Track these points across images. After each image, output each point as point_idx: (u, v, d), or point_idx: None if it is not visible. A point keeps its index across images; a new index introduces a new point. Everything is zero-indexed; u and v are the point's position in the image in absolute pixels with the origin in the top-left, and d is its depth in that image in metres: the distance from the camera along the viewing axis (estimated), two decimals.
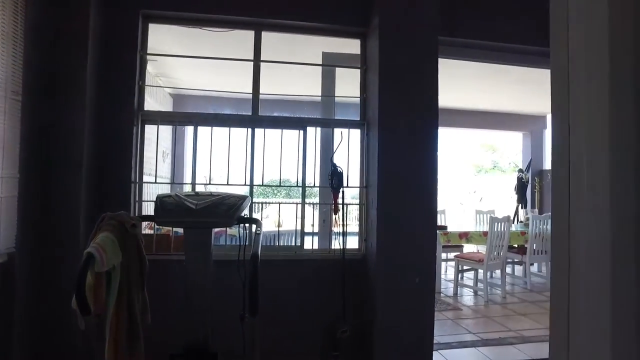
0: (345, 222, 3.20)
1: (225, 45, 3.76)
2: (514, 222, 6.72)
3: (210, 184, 4.27)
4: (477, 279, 5.49)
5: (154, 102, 5.47)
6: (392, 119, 3.15)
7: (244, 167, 3.33)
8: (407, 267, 3.09)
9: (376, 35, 3.22)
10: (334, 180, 3.14)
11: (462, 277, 6.08)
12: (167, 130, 3.60)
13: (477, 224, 6.85)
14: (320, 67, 3.89)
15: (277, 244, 4.23)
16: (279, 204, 3.68)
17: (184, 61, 5.30)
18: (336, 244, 3.24)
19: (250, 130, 3.36)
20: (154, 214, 2.33)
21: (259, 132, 3.36)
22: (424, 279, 3.06)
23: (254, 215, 4.66)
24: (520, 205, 7.53)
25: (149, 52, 3.27)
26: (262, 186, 3.48)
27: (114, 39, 3.03)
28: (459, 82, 6.08)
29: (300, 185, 3.39)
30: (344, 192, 3.20)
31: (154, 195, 2.59)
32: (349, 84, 3.60)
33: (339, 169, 3.17)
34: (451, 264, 6.73)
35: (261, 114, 3.38)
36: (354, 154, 3.43)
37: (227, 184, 3.28)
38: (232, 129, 3.37)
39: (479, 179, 14.52)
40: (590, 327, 0.70)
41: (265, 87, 3.48)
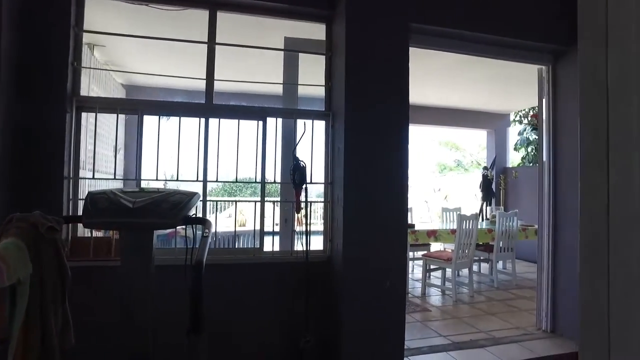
0: (308, 222, 2.93)
1: (178, 28, 3.39)
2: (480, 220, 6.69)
3: (170, 180, 3.90)
4: (445, 278, 5.37)
5: (103, 93, 5.00)
6: (359, 110, 2.91)
7: (196, 161, 3.00)
8: (376, 269, 2.86)
9: (343, 19, 2.97)
10: (296, 175, 2.87)
11: (430, 277, 5.96)
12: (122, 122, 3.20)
13: (444, 222, 6.78)
14: (282, 56, 3.60)
15: (235, 246, 3.91)
16: (235, 203, 3.36)
17: (136, 50, 4.87)
18: (299, 245, 2.97)
19: (203, 120, 3.03)
20: (82, 214, 1.97)
21: (213, 123, 3.04)
22: (394, 283, 2.84)
23: (212, 215, 4.31)
24: (485, 202, 7.55)
25: (91, 33, 2.87)
26: (216, 182, 3.15)
27: (40, 11, 2.61)
28: (423, 78, 5.94)
29: (259, 181, 3.09)
30: (307, 188, 2.93)
31: None
32: (313, 75, 3.33)
33: (301, 164, 2.90)
34: (418, 262, 6.61)
35: (217, 103, 3.06)
36: (318, 147, 3.17)
37: (177, 180, 2.94)
38: (184, 119, 3.02)
39: (442, 177, 14.66)
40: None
41: (222, 77, 3.16)
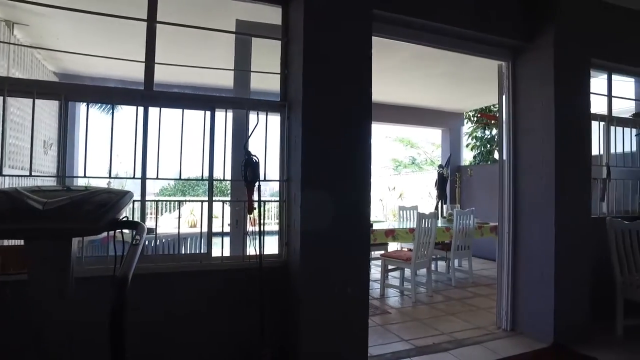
0: (262, 223, 2.65)
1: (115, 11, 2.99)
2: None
3: (115, 178, 3.46)
4: (403, 278, 5.26)
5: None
6: (318, 101, 2.67)
7: (133, 156, 2.62)
8: (337, 274, 2.63)
9: (301, 2, 2.70)
10: (248, 172, 2.57)
11: (388, 277, 5.85)
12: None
13: (402, 221, 6.70)
14: (233, 45, 3.29)
15: (182, 251, 3.54)
16: (179, 203, 3.00)
17: (67, 32, 4.33)
18: (253, 249, 2.68)
19: (142, 110, 2.66)
20: None
21: (154, 113, 2.67)
22: (356, 288, 2.62)
23: (161, 217, 3.89)
24: (441, 201, 7.57)
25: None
26: (155, 180, 2.78)
27: None
28: (379, 74, 5.78)
29: (206, 178, 2.76)
30: (260, 186, 2.64)
31: None
32: (267, 66, 3.04)
33: (254, 159, 2.61)
34: (376, 262, 6.49)
35: (158, 90, 2.69)
36: (273, 141, 2.89)
37: (110, 177, 2.55)
38: (125, 111, 2.64)
39: (397, 174, 14.78)
40: None
41: (164, 70, 2.80)
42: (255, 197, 2.61)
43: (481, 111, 10.66)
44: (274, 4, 2.97)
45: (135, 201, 2.71)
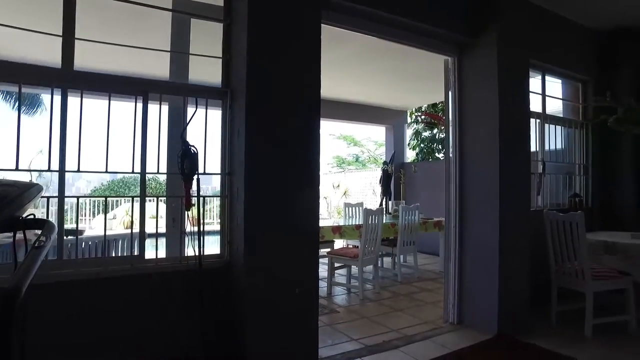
0: (202, 220, 2.40)
1: None
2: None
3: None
4: (350, 275, 5.20)
5: None
6: (263, 88, 2.47)
7: (48, 146, 2.26)
8: (284, 274, 2.45)
9: None
10: (185, 164, 2.32)
11: (334, 274, 5.76)
12: None
13: (347, 218, 6.65)
14: (169, 31, 3.00)
15: (112, 254, 3.18)
16: (106, 199, 2.67)
17: None
18: (193, 250, 2.42)
19: (60, 93, 2.30)
20: None
21: (75, 99, 2.33)
22: (304, 289, 2.46)
23: (98, 217, 3.47)
24: (385, 197, 7.63)
25: None
26: (76, 172, 2.43)
27: None
28: (324, 66, 5.70)
29: (138, 171, 2.46)
30: (199, 180, 2.40)
31: None
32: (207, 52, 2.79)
33: (192, 150, 2.35)
34: (323, 260, 6.37)
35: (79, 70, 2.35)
36: (214, 130, 2.65)
37: (17, 169, 2.18)
38: (35, 94, 2.26)
39: (341, 172, 14.85)
40: None
41: (88, 58, 2.45)
42: (194, 191, 2.35)
43: (425, 110, 10.98)
44: None
45: (51, 197, 2.36)
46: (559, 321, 3.64)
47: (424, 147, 10.80)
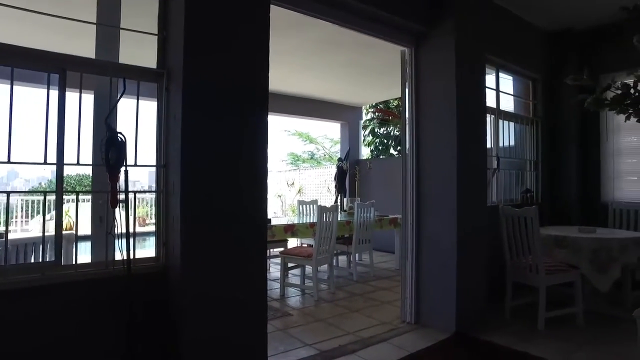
0: (130, 219, 2.08)
1: None
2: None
3: None
4: (304, 275, 4.98)
5: None
6: (204, 70, 2.19)
7: None
8: (228, 278, 2.18)
9: None
10: (110, 153, 1.99)
11: (288, 275, 5.52)
12: None
13: (301, 216, 6.43)
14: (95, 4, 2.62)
15: (26, 259, 2.75)
16: (8, 195, 2.27)
17: None
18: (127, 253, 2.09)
19: None
20: None
21: None
22: (251, 294, 2.20)
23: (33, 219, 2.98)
24: (340, 194, 7.50)
25: None
26: None
27: None
28: (274, 59, 5.44)
29: (54, 162, 2.09)
30: (127, 172, 2.07)
31: None
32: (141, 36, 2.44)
33: (119, 137, 2.02)
34: (276, 260, 6.12)
35: None
36: (147, 117, 2.33)
37: None
38: None
39: (295, 169, 14.61)
40: None
41: None
42: (122, 186, 2.02)
43: (378, 107, 10.99)
44: None
45: None
46: (513, 316, 3.63)
47: (379, 143, 10.82)
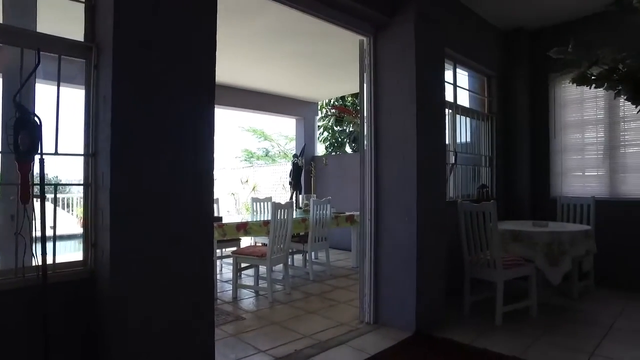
0: (43, 217, 1.74)
1: None
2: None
3: None
4: (258, 276, 4.73)
5: None
6: (139, 41, 1.89)
7: None
8: (167, 283, 1.91)
9: None
10: (21, 138, 1.65)
11: (241, 276, 5.24)
12: None
13: (255, 214, 6.15)
14: None
15: None
16: None
17: None
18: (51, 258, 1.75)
19: None
20: None
21: None
22: (197, 301, 1.94)
23: None
24: (296, 191, 7.28)
25: None
26: None
27: None
28: (226, 49, 5.15)
29: None
30: (43, 161, 1.74)
31: None
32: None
33: (32, 119, 1.69)
34: (228, 261, 5.81)
35: None
36: (72, 97, 1.99)
37: None
38: None
39: (249, 166, 14.22)
40: None
41: None
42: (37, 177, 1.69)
43: (334, 104, 10.87)
44: None
45: None
46: (472, 312, 3.60)
47: (334, 140, 10.71)
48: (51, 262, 1.83)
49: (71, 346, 1.83)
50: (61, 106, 1.94)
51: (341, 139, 10.88)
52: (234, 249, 5.00)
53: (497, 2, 4.42)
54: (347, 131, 10.77)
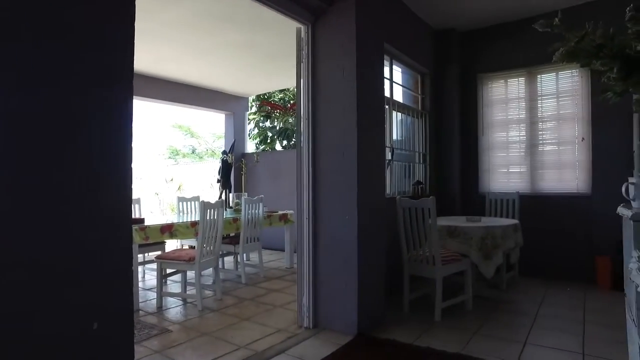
0: None
1: None
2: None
3: None
4: (186, 282, 4.32)
5: None
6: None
7: None
8: (73, 302, 1.54)
9: None
10: None
11: (166, 282, 4.78)
12: None
13: (181, 214, 5.68)
14: None
15: None
16: None
17: None
18: None
19: None
20: None
21: None
22: (109, 319, 1.60)
23: None
24: (226, 189, 6.88)
25: None
26: None
27: None
28: (154, 34, 4.68)
29: None
30: None
31: None
32: None
33: None
34: (151, 266, 5.30)
35: None
36: None
37: None
38: None
39: (175, 165, 13.37)
40: None
41: None
42: None
43: (263, 99, 10.55)
44: None
45: None
46: (411, 309, 3.57)
47: (264, 137, 10.40)
48: None
49: None
50: None
51: (272, 135, 10.60)
52: (158, 253, 4.54)
53: (432, 2, 4.46)
54: (278, 128, 10.51)
